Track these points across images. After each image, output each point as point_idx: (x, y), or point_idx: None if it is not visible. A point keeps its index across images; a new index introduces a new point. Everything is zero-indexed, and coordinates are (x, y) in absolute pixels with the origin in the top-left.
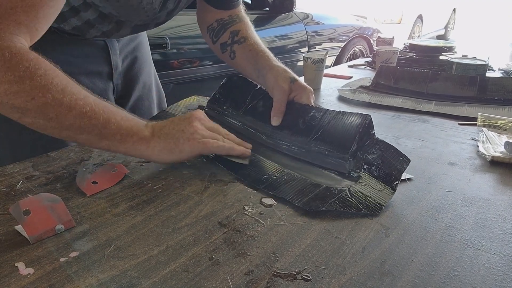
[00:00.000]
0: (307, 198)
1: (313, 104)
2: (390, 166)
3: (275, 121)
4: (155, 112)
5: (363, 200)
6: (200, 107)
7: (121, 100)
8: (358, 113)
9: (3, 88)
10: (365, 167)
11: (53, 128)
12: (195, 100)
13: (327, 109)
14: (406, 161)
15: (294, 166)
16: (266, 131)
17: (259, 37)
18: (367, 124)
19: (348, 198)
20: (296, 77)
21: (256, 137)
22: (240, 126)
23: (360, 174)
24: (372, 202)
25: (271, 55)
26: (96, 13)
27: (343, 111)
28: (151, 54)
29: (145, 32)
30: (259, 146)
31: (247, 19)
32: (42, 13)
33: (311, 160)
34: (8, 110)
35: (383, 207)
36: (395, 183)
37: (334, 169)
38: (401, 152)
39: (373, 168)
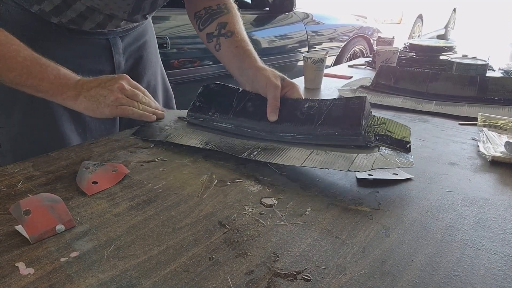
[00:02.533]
0: (348, 164)
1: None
2: (396, 134)
3: (272, 116)
4: None
5: (395, 158)
6: (181, 118)
7: None
8: (353, 96)
9: None
10: (377, 138)
11: (5, 82)
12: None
13: (321, 99)
14: (408, 128)
15: (305, 148)
16: (265, 128)
17: (245, 32)
18: (366, 103)
19: (383, 159)
20: (284, 76)
21: (255, 135)
22: (233, 128)
23: (377, 144)
24: (404, 161)
25: (256, 55)
26: (84, 6)
27: (337, 98)
28: None
29: (152, 32)
30: (262, 143)
31: (235, 10)
32: None
33: (322, 141)
34: None
35: (413, 162)
36: (408, 145)
37: (349, 144)
38: (401, 123)
39: (384, 137)
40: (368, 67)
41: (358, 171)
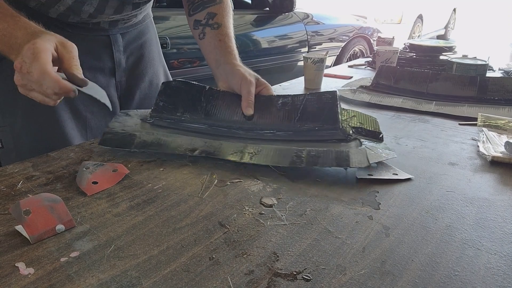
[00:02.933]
0: (335, 161)
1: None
2: (368, 125)
3: (248, 110)
4: None
5: (379, 150)
6: (143, 120)
7: (125, 97)
8: (324, 91)
9: None
10: (353, 130)
11: None
12: None
13: (293, 94)
14: (375, 119)
15: (293, 146)
16: (243, 126)
17: (232, 26)
18: (338, 98)
19: (372, 152)
20: (258, 76)
21: (233, 134)
22: (207, 128)
23: (356, 137)
24: (387, 152)
25: (237, 53)
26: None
27: (308, 93)
28: None
29: (154, 31)
30: (241, 141)
31: (228, 2)
32: None
33: (303, 137)
34: None
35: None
36: (380, 136)
37: (330, 139)
38: (367, 114)
39: (359, 129)
40: (368, 67)
41: (358, 167)
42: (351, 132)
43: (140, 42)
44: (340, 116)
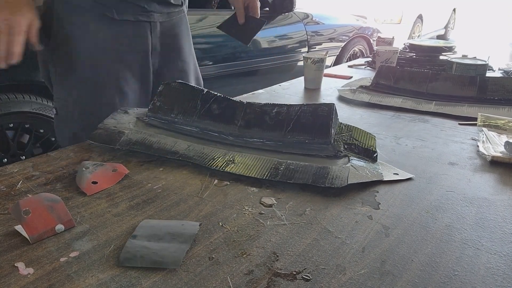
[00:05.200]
0: (312, 177)
1: (258, 13)
2: (364, 143)
3: (240, 18)
4: None
5: (366, 171)
6: (139, 119)
7: (158, 77)
8: (320, 103)
9: None
10: (345, 147)
11: None
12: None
13: (290, 104)
14: (373, 136)
15: (277, 157)
16: (233, 131)
17: None
18: (334, 111)
19: (356, 172)
20: None
21: (222, 139)
22: (198, 131)
23: (347, 154)
24: (374, 173)
25: None
26: None
27: (304, 104)
28: None
29: (187, 26)
30: (229, 148)
31: None
32: None
33: (291, 150)
34: None
35: (382, 174)
36: (375, 155)
37: (318, 154)
38: (367, 131)
39: (352, 146)
40: (368, 67)
41: (334, 186)
42: (342, 148)
43: (173, 33)
44: (332, 131)
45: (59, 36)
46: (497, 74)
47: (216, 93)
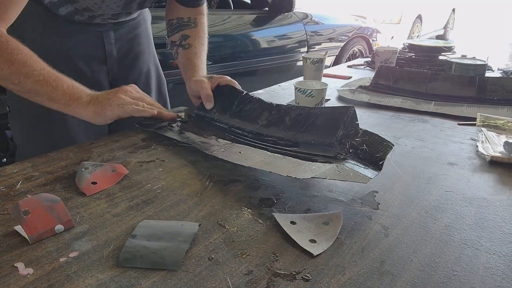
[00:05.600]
0: (295, 171)
1: (238, 86)
2: (374, 149)
3: (208, 105)
4: (153, 96)
5: (351, 174)
6: (188, 111)
7: (116, 82)
8: (342, 106)
9: None
10: (350, 151)
11: (20, 92)
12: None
13: (314, 107)
14: (390, 145)
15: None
16: (253, 130)
17: (203, 45)
18: (351, 114)
19: (337, 171)
20: (212, 74)
21: (243, 137)
22: (227, 129)
23: (346, 157)
24: (359, 175)
25: (202, 68)
26: (82, 5)
27: (329, 106)
28: None
29: (145, 26)
30: (246, 146)
31: (203, 27)
32: (11, 6)
33: (298, 149)
34: None
35: (370, 179)
36: (380, 163)
37: (321, 154)
38: (385, 139)
39: (358, 151)
40: (367, 67)
41: (304, 178)
42: (345, 151)
43: (130, 36)
44: (341, 133)
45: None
46: (496, 74)
47: (252, 95)
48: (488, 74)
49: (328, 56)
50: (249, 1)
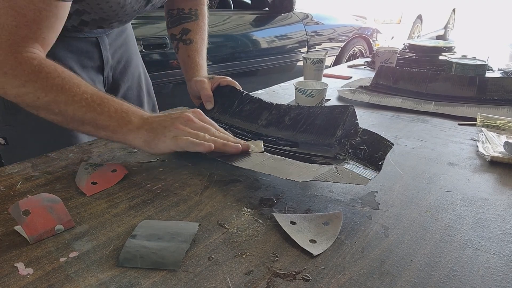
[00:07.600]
0: (295, 173)
1: (238, 86)
2: (374, 149)
3: (208, 105)
4: (145, 99)
5: (350, 175)
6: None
7: (111, 91)
8: (342, 105)
9: (14, 91)
10: (350, 151)
11: (61, 122)
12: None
13: (312, 106)
14: (390, 144)
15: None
16: (252, 130)
17: (204, 41)
18: (350, 114)
19: (336, 173)
20: (213, 75)
21: (243, 137)
22: (227, 128)
23: (346, 157)
24: (358, 176)
25: (202, 67)
26: (92, 17)
27: (328, 106)
28: (151, 54)
29: (129, 25)
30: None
31: (204, 19)
32: (45, 25)
33: (298, 150)
34: (26, 107)
35: (369, 181)
36: (380, 163)
37: (320, 154)
38: (385, 138)
39: (358, 151)
40: (368, 68)
41: (304, 181)
42: (344, 151)
43: (121, 39)
44: (340, 132)
45: None
46: (497, 74)
47: (253, 95)
48: (488, 74)
49: (328, 56)
50: (249, 1)
